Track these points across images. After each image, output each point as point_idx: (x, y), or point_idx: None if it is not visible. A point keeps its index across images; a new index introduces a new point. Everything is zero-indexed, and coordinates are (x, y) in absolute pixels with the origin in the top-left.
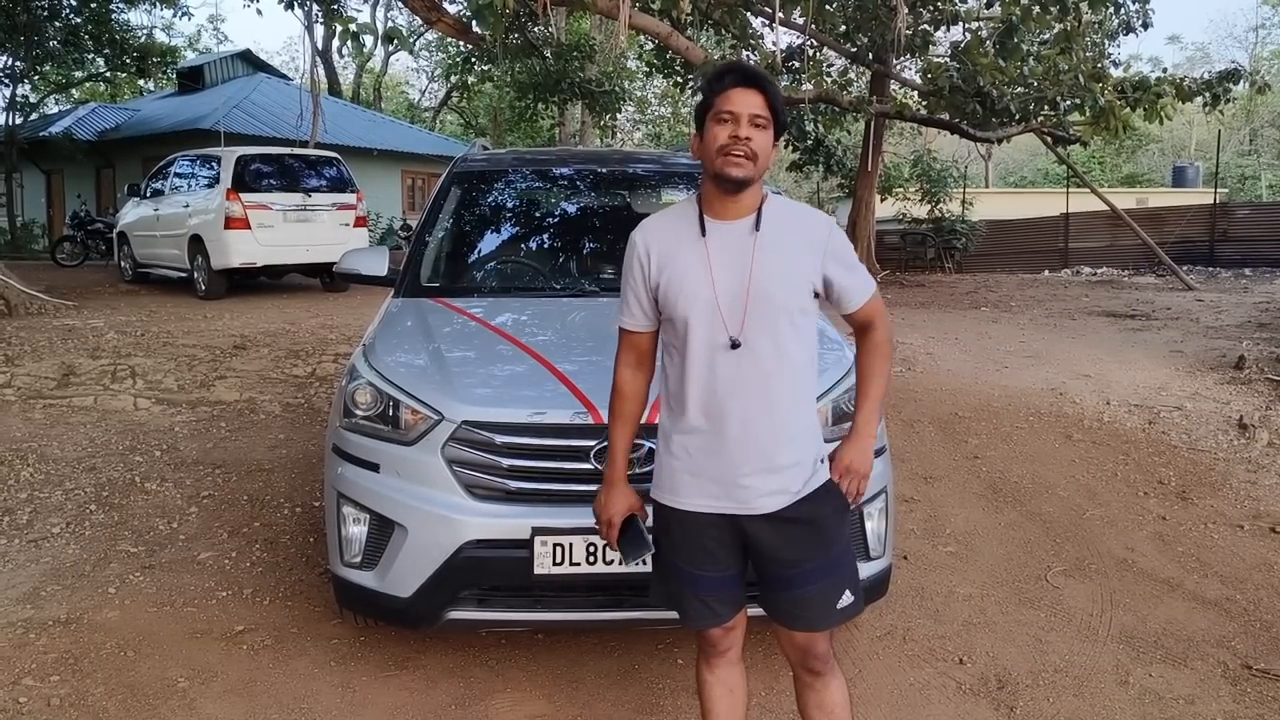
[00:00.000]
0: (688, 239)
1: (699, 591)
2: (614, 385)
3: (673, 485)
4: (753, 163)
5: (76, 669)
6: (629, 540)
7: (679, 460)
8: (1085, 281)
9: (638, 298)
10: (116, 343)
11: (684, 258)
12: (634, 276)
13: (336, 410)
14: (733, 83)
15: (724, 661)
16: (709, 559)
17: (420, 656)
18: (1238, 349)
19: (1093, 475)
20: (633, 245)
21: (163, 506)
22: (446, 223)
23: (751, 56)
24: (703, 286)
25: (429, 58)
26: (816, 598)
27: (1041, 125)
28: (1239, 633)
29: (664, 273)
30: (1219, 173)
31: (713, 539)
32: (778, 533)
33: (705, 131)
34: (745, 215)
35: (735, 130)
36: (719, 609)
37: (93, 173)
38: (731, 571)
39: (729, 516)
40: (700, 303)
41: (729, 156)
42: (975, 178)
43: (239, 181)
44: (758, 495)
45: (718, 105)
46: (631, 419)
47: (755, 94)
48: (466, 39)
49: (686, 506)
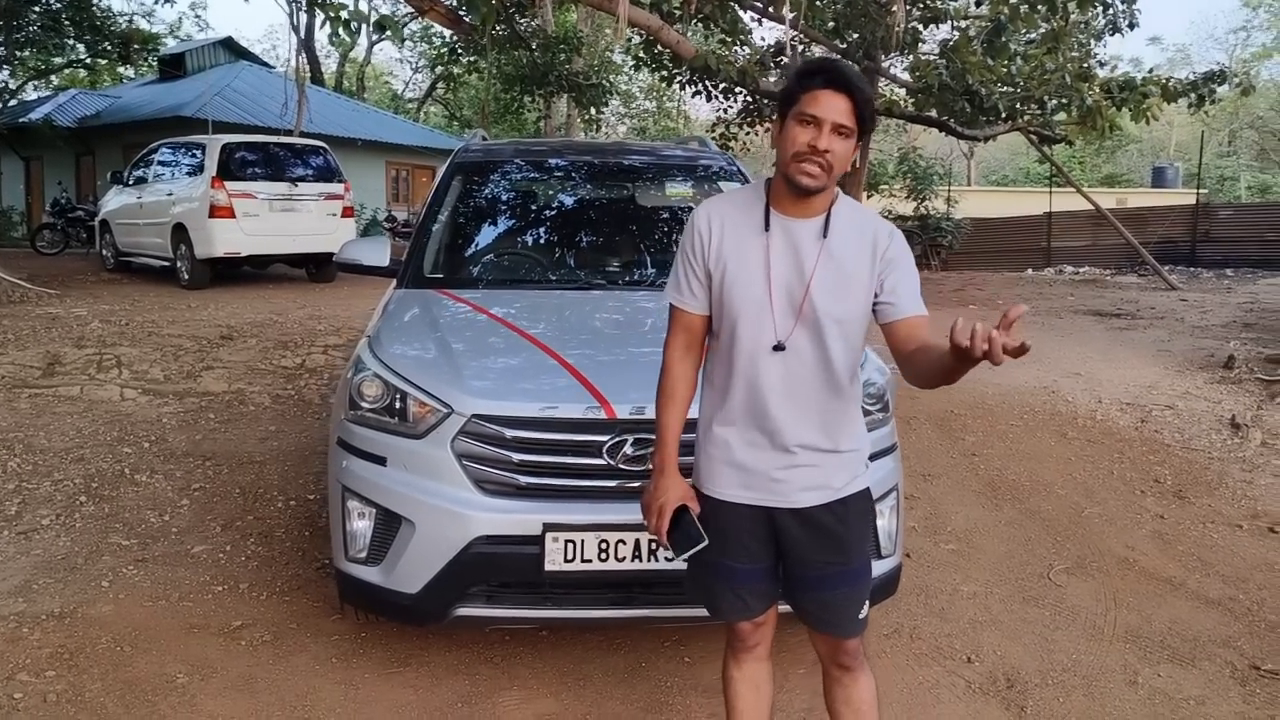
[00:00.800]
0: (751, 231)
1: (732, 584)
2: (663, 367)
3: (710, 475)
4: (827, 174)
5: (72, 664)
6: (679, 532)
7: (718, 451)
8: (1069, 280)
9: (694, 276)
10: (101, 332)
11: (744, 250)
12: (693, 254)
13: (341, 403)
14: (823, 83)
15: (752, 658)
16: (743, 551)
17: (424, 653)
18: (1225, 348)
19: (1089, 473)
20: (694, 222)
21: (153, 499)
22: (449, 213)
23: (741, 52)
24: (758, 284)
25: (413, 48)
26: (841, 602)
27: (1028, 124)
28: (1244, 633)
29: (722, 260)
30: (1200, 174)
31: (747, 531)
32: (807, 531)
33: (785, 127)
34: (814, 216)
35: (815, 139)
36: (751, 602)
37: (73, 160)
38: (764, 565)
39: (764, 509)
40: (753, 300)
41: (803, 165)
42: (958, 176)
43: (224, 170)
44: (794, 489)
45: (802, 104)
46: (682, 402)
47: (843, 99)
48: (457, 29)
49: (723, 497)
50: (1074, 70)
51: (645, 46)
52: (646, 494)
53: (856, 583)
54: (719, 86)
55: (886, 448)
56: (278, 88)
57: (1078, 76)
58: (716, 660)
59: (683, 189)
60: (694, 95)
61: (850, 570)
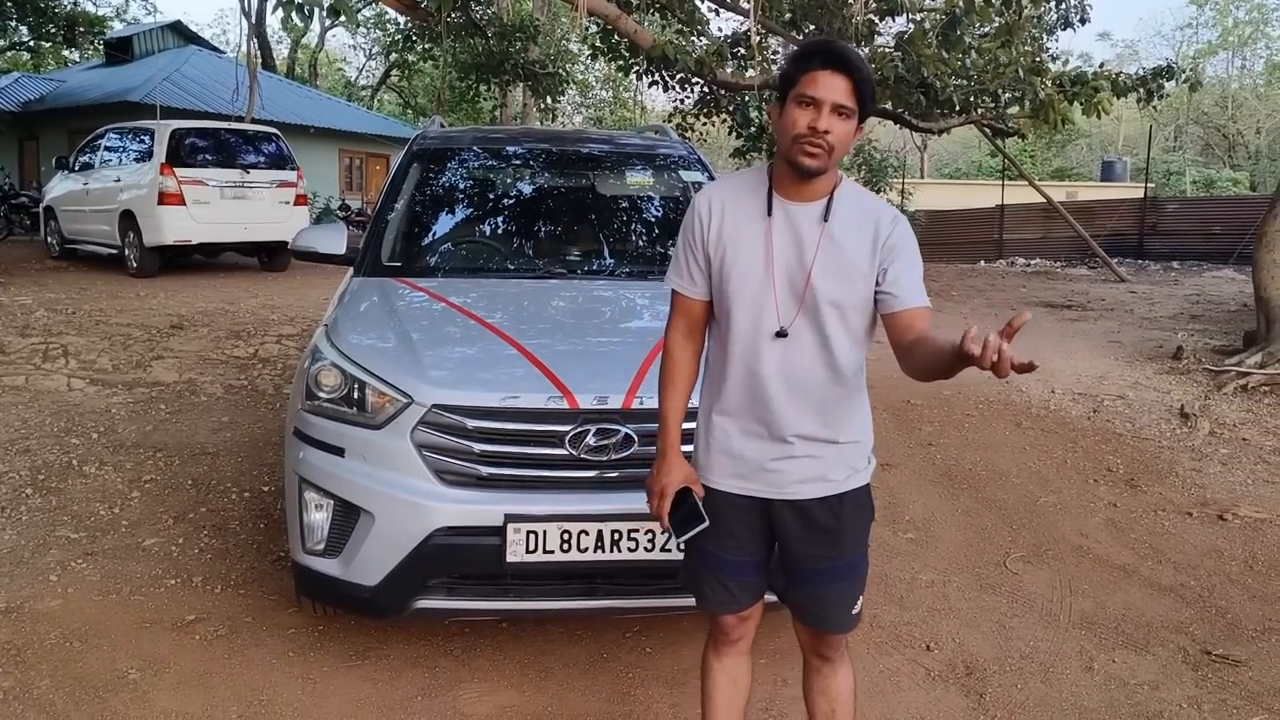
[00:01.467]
0: (752, 215)
1: (721, 575)
2: (664, 352)
3: (706, 464)
4: (828, 155)
5: (19, 660)
6: (681, 514)
7: (715, 439)
8: (1021, 272)
9: (694, 261)
10: (47, 321)
11: (745, 234)
12: (693, 239)
13: (297, 392)
14: (821, 64)
15: (733, 651)
16: (734, 542)
17: (382, 646)
18: (1173, 339)
19: (1043, 462)
20: (694, 207)
21: (103, 490)
22: (407, 200)
23: (698, 42)
24: (758, 269)
25: (367, 35)
26: (834, 598)
27: (982, 117)
28: (1195, 619)
29: (722, 244)
30: (1148, 168)
31: (740, 522)
32: (802, 524)
33: (784, 110)
34: (816, 200)
35: (815, 120)
36: (739, 595)
37: (15, 145)
38: (755, 558)
39: (758, 500)
40: (753, 285)
41: (804, 147)
42: (911, 169)
43: (174, 156)
44: (791, 480)
45: (801, 85)
46: (683, 387)
47: (843, 79)
48: (414, 15)
49: (718, 486)
50: (1027, 64)
51: (602, 35)
52: (649, 478)
53: (849, 578)
54: (676, 77)
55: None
56: (228, 73)
57: (1031, 70)
58: (679, 650)
59: (643, 178)
60: (651, 85)
61: (843, 565)
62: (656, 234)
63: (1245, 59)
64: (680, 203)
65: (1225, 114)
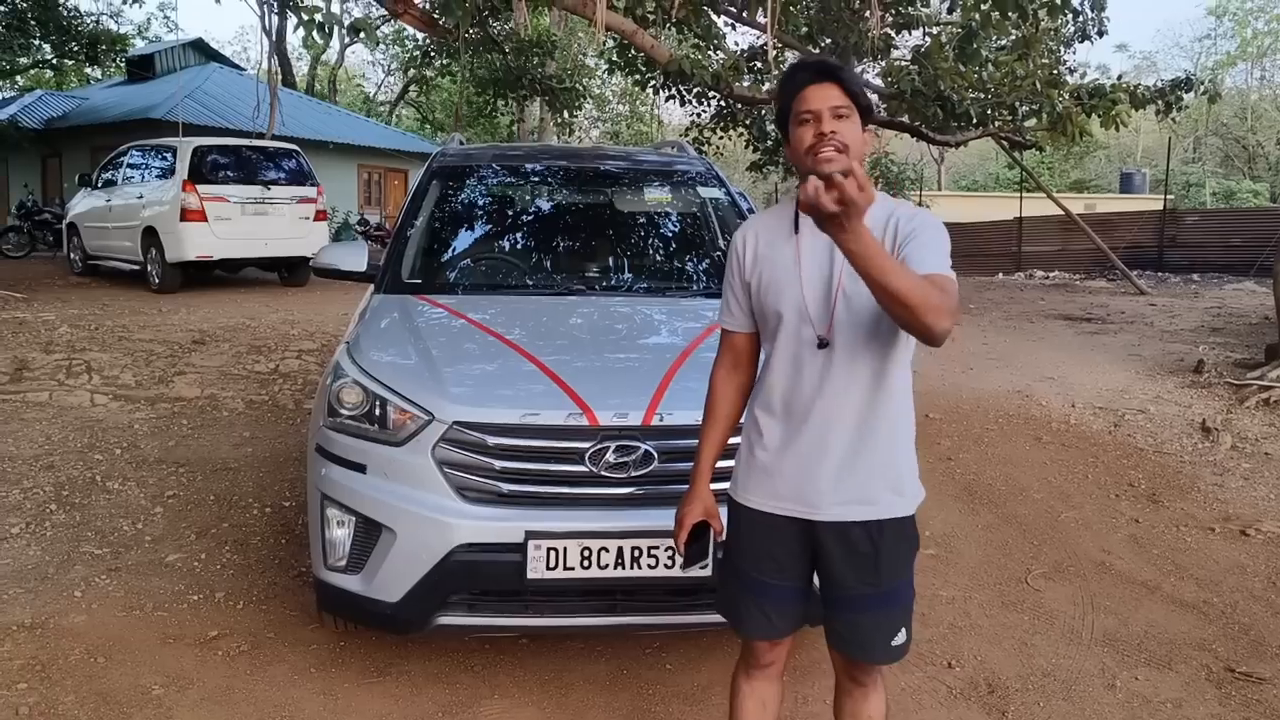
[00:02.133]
0: (782, 236)
1: (760, 600)
2: (709, 386)
3: (746, 483)
4: (844, 154)
5: (44, 676)
6: (695, 548)
7: (758, 458)
8: (1039, 285)
9: (734, 295)
10: (70, 336)
11: (777, 255)
12: (731, 273)
13: (319, 409)
14: (805, 80)
15: (764, 675)
16: (775, 566)
17: (403, 662)
18: (1194, 353)
19: (1064, 478)
20: (732, 244)
21: (126, 506)
22: (427, 218)
23: (714, 56)
24: (791, 283)
25: (385, 51)
26: (870, 627)
27: (999, 130)
28: (1219, 635)
29: (757, 269)
30: (1167, 180)
31: (780, 545)
32: (843, 548)
33: (791, 136)
34: None
35: (819, 127)
36: (778, 622)
37: (38, 162)
38: (797, 584)
39: (799, 522)
40: (788, 300)
41: (819, 153)
42: (929, 181)
43: (195, 173)
44: (831, 502)
45: (796, 107)
46: (723, 420)
47: (831, 86)
48: (432, 31)
49: (756, 506)
50: (1044, 77)
51: (619, 50)
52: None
53: (889, 606)
54: (692, 91)
55: None
56: (249, 90)
57: (1048, 83)
58: (698, 666)
59: (661, 194)
60: (668, 99)
61: (882, 594)
62: (675, 250)
63: (1265, 70)
64: (698, 218)
65: (1245, 125)
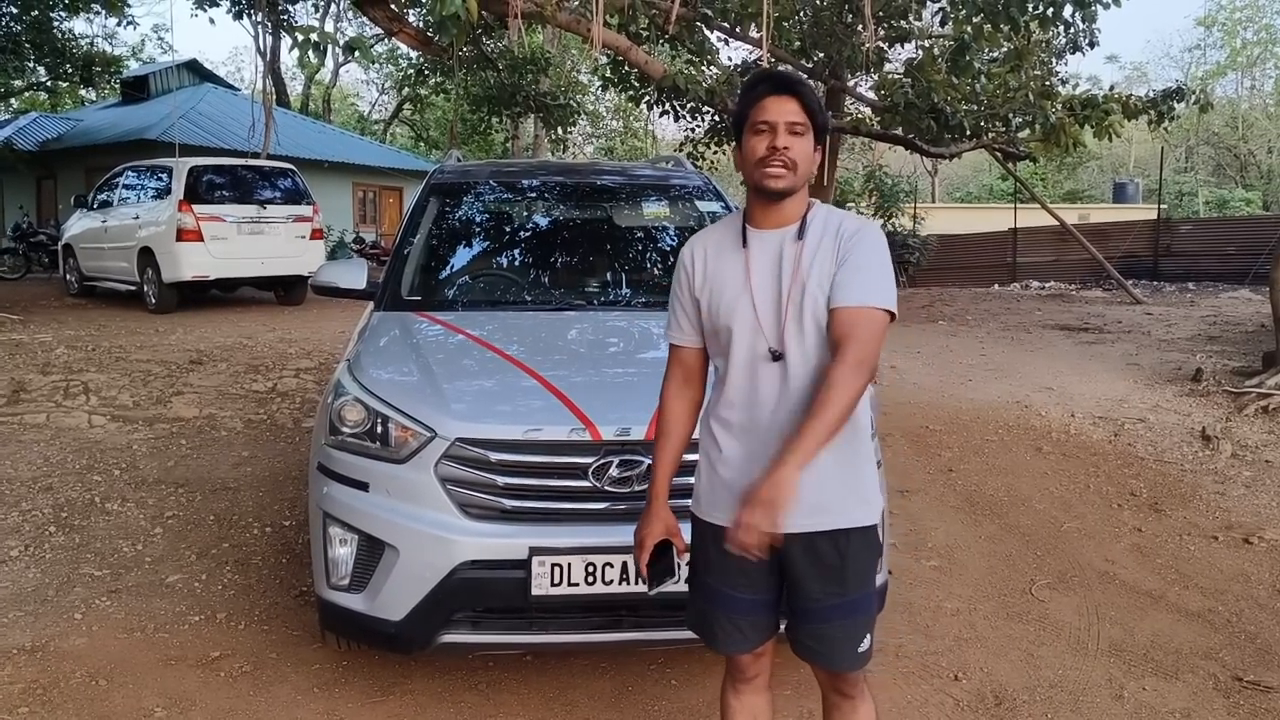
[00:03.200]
0: (730, 250)
1: (730, 614)
2: (660, 402)
3: (710, 500)
4: (792, 172)
5: (45, 700)
6: (658, 566)
7: (719, 474)
8: (1035, 295)
9: (684, 310)
10: (67, 358)
11: (726, 268)
12: (680, 288)
13: (321, 427)
14: (766, 91)
15: (750, 689)
16: (743, 579)
17: (407, 681)
18: (1191, 361)
19: (1065, 487)
20: (679, 260)
21: (125, 528)
22: (425, 235)
23: (708, 71)
24: (741, 297)
25: (379, 70)
26: (837, 635)
27: (993, 141)
28: (1225, 644)
29: (707, 284)
30: (1161, 189)
31: (747, 559)
32: (809, 558)
33: (743, 144)
34: (788, 224)
35: (773, 140)
36: (749, 634)
37: (33, 183)
38: (765, 596)
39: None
40: (740, 313)
41: (767, 168)
42: (922, 193)
43: (191, 193)
44: (795, 513)
45: (753, 116)
46: (676, 438)
47: (790, 100)
48: (427, 50)
49: (720, 521)
50: (1037, 88)
51: (613, 66)
52: (636, 527)
53: (854, 615)
54: (686, 106)
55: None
56: (243, 110)
57: (1041, 94)
58: (702, 682)
59: (659, 209)
60: (661, 115)
61: (847, 602)
62: (673, 264)
63: (1255, 79)
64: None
65: (1236, 134)
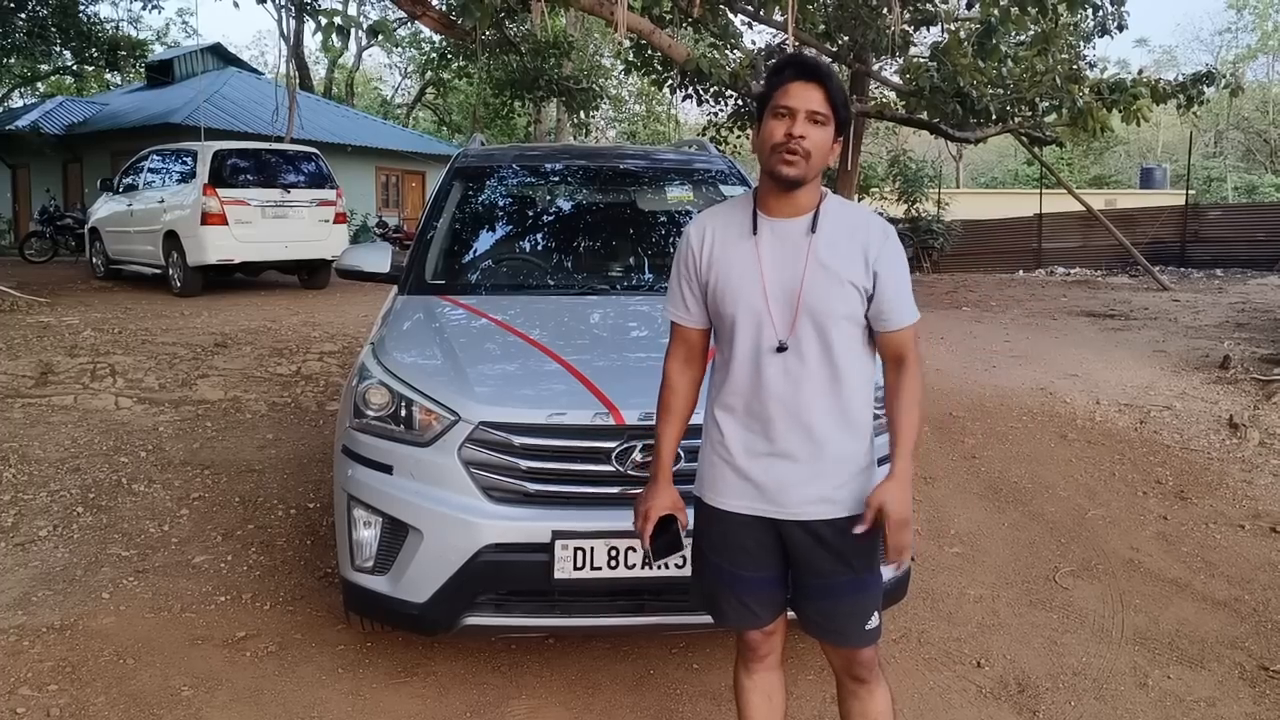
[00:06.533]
0: (739, 236)
1: (737, 592)
2: (663, 379)
3: (714, 484)
4: (806, 161)
5: (75, 678)
6: (662, 539)
7: (722, 459)
8: (1061, 281)
9: (689, 291)
10: (94, 340)
11: (734, 255)
12: (685, 268)
13: (345, 410)
14: (792, 76)
15: (763, 667)
16: (748, 559)
17: (430, 663)
18: (1219, 348)
19: (1090, 475)
20: (685, 238)
21: (152, 508)
22: (449, 218)
23: (732, 55)
24: (752, 286)
25: (402, 54)
26: (845, 612)
27: (1019, 126)
28: (1251, 633)
29: (714, 269)
30: (1189, 175)
31: (751, 539)
32: (814, 542)
33: (762, 125)
34: (801, 214)
35: (791, 127)
36: (758, 611)
37: (60, 167)
38: (772, 573)
39: (767, 520)
40: (748, 302)
41: (782, 155)
42: (947, 178)
43: (216, 177)
44: (796, 501)
45: (775, 99)
46: (678, 415)
47: (815, 89)
48: (450, 33)
49: (725, 507)
50: (1064, 72)
51: (636, 50)
52: (638, 499)
53: (863, 592)
54: (709, 90)
55: None
56: (267, 94)
57: (1068, 78)
58: (724, 666)
59: (683, 193)
60: (684, 99)
61: (857, 580)
62: None
63: None
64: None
65: (1266, 119)
